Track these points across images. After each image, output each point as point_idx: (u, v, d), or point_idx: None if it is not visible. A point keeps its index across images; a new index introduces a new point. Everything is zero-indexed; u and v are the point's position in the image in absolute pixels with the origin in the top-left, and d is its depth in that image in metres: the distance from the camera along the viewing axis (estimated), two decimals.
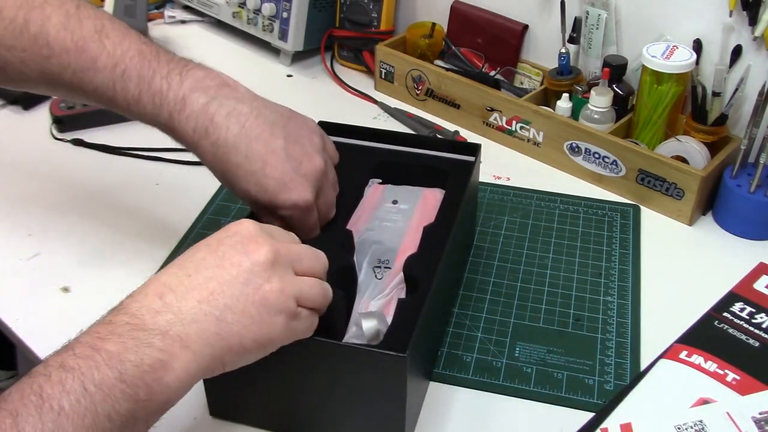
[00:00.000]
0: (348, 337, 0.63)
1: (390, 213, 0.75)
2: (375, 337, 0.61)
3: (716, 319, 0.73)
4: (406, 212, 0.75)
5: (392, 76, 1.13)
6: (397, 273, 0.68)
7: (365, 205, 0.76)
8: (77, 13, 0.64)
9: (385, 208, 0.75)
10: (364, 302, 0.66)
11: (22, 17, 0.63)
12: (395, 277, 0.68)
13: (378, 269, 0.69)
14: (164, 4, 1.39)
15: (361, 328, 0.62)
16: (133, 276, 0.80)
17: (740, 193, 0.86)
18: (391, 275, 0.68)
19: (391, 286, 0.67)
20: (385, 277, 0.68)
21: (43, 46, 0.62)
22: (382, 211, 0.75)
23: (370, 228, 0.73)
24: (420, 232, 0.71)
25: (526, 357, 0.72)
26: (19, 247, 0.84)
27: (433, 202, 0.76)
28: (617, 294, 0.79)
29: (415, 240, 0.71)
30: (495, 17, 1.11)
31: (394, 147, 0.81)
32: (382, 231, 0.72)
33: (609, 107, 0.95)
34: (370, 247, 0.71)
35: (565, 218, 0.90)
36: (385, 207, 0.76)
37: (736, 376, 0.66)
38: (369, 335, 0.61)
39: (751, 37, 0.89)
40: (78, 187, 0.94)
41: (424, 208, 0.75)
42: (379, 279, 0.68)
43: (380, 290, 0.67)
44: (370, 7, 1.16)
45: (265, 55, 1.25)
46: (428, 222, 0.72)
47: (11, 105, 1.09)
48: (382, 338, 0.61)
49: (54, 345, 0.50)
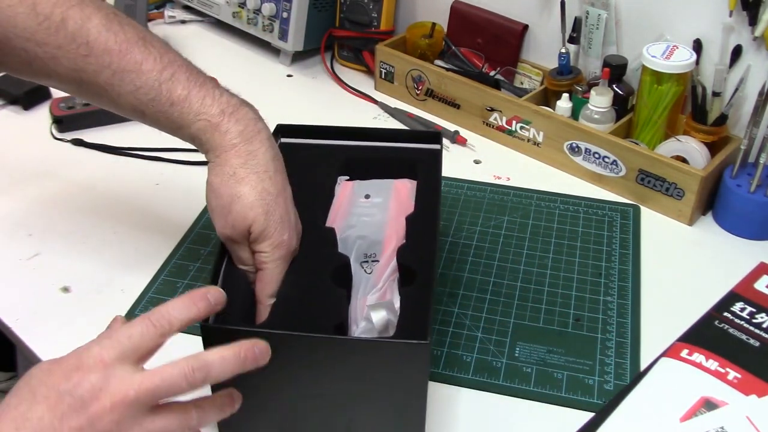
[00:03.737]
0: (358, 333, 0.63)
1: (365, 208, 0.74)
2: (386, 328, 0.61)
3: (717, 318, 0.73)
4: (381, 205, 0.74)
5: (392, 76, 1.13)
6: (386, 265, 0.68)
7: (338, 203, 0.75)
8: (117, 18, 0.65)
9: (359, 204, 0.75)
10: (360, 299, 0.66)
11: (60, 15, 0.62)
12: (386, 269, 0.68)
13: (366, 264, 0.69)
14: (164, 4, 1.39)
15: (371, 322, 0.62)
16: (134, 276, 0.81)
17: (740, 193, 0.86)
18: (380, 268, 0.68)
19: (383, 279, 0.68)
20: (375, 271, 0.68)
21: (81, 45, 0.62)
22: (357, 207, 0.74)
23: (350, 225, 0.72)
24: (400, 222, 0.71)
25: (526, 357, 0.72)
26: (19, 247, 0.84)
27: (405, 192, 0.75)
28: (617, 294, 0.79)
29: (398, 231, 0.70)
30: (495, 17, 1.11)
31: (358, 143, 0.80)
32: (362, 226, 0.72)
33: (609, 107, 0.95)
34: (354, 244, 0.70)
35: (565, 218, 0.90)
36: (358, 203, 0.75)
37: (738, 375, 0.66)
38: (380, 327, 0.61)
39: (751, 37, 0.89)
40: (78, 187, 0.94)
41: (398, 198, 0.75)
42: (369, 273, 0.69)
43: (373, 284, 0.68)
44: (370, 7, 1.16)
45: (265, 55, 1.25)
46: (407, 212, 0.72)
47: (11, 105, 1.10)
48: (393, 329, 0.61)
49: (54, 345, 0.49)
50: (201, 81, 0.65)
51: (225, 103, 0.64)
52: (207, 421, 0.54)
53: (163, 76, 0.64)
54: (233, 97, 0.65)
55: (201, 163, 0.98)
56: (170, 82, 0.63)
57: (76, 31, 0.62)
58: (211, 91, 0.64)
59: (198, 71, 0.66)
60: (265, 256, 0.63)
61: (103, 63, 0.63)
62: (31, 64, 0.64)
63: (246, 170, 0.63)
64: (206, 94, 0.64)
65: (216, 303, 0.55)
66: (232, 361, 0.52)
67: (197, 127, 0.64)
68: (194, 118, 0.63)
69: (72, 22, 0.62)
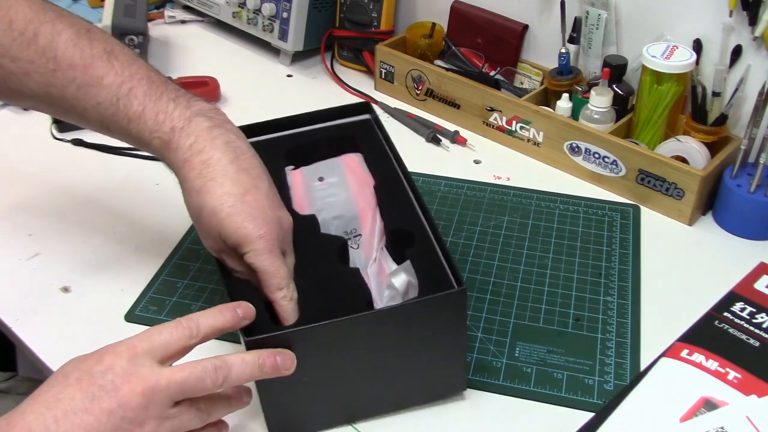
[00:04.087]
0: (385, 302, 0.64)
1: (324, 189, 0.74)
2: (408, 290, 0.63)
3: (717, 318, 0.74)
4: (339, 184, 0.74)
5: (392, 76, 1.13)
6: (371, 236, 0.69)
7: (296, 192, 0.74)
8: (87, 34, 0.65)
9: (316, 189, 0.74)
10: (363, 274, 0.67)
11: (32, 30, 0.63)
12: (372, 239, 0.69)
13: (350, 240, 0.70)
14: (164, 4, 1.39)
15: (395, 288, 0.62)
16: (134, 276, 0.81)
17: (740, 193, 0.86)
18: (366, 240, 0.69)
19: (374, 249, 0.68)
20: (362, 245, 0.69)
21: (50, 60, 0.63)
22: (316, 192, 0.74)
23: (319, 209, 0.72)
24: (367, 193, 0.72)
25: (526, 357, 0.72)
26: (19, 247, 0.84)
27: (355, 165, 0.76)
28: (617, 294, 0.79)
29: (369, 201, 0.71)
30: (495, 17, 1.11)
31: (293, 131, 0.79)
32: (331, 208, 0.72)
33: (609, 107, 0.95)
34: (331, 225, 0.70)
35: (565, 218, 0.90)
36: (314, 187, 0.74)
37: (738, 375, 0.66)
38: (403, 290, 0.62)
39: (751, 37, 0.89)
40: (78, 187, 0.94)
41: (352, 173, 0.75)
42: (356, 248, 0.69)
43: (366, 257, 0.68)
44: (370, 7, 1.16)
45: (265, 55, 1.25)
46: (367, 183, 0.72)
47: (11, 105, 1.10)
48: (414, 289, 0.62)
49: (54, 345, 0.50)
50: (157, 95, 0.64)
51: (177, 117, 0.63)
52: (217, 416, 0.57)
53: (122, 91, 0.64)
54: (188, 109, 0.64)
55: None
56: (127, 98, 0.63)
57: (46, 45, 0.63)
58: (164, 106, 0.63)
59: (159, 84, 0.65)
60: (248, 257, 0.60)
61: (69, 77, 0.64)
62: (6, 81, 0.65)
63: (203, 180, 0.61)
64: (160, 109, 0.63)
65: (244, 317, 0.58)
66: (251, 365, 0.55)
67: (154, 146, 0.64)
68: (150, 135, 0.63)
69: (43, 38, 0.63)
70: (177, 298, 0.78)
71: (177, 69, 1.19)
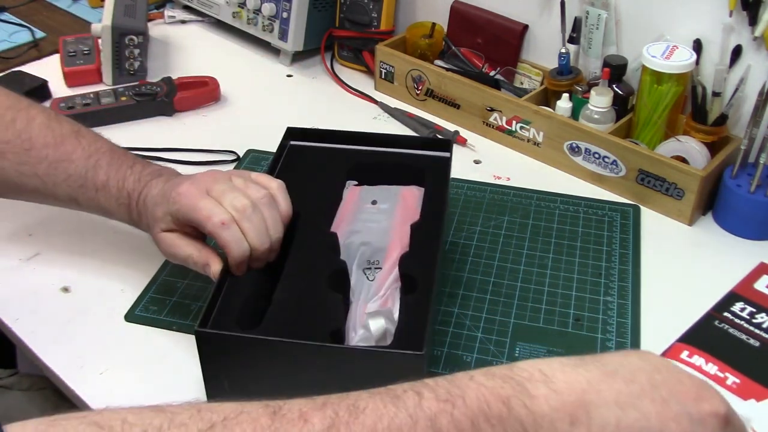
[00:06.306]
0: (356, 341, 0.62)
1: (371, 214, 0.74)
2: (383, 336, 0.61)
3: (717, 318, 0.74)
4: (387, 212, 0.74)
5: (392, 76, 1.13)
6: (389, 272, 0.68)
7: (345, 208, 0.75)
8: (57, 118, 0.76)
9: (365, 209, 0.75)
10: (361, 305, 0.66)
11: (11, 116, 0.73)
12: (388, 276, 0.68)
13: (368, 270, 0.69)
14: (164, 4, 1.39)
15: (369, 330, 0.61)
16: (134, 276, 0.81)
17: (740, 193, 0.86)
18: (383, 275, 0.68)
19: (385, 287, 0.67)
20: (377, 278, 0.68)
21: (25, 140, 0.73)
22: (363, 213, 0.75)
23: (355, 230, 0.72)
24: (404, 230, 0.71)
25: (526, 357, 0.72)
26: (19, 247, 0.84)
27: (412, 199, 0.76)
28: (617, 294, 0.79)
29: (402, 238, 0.70)
30: (495, 17, 1.11)
31: (368, 148, 0.80)
32: (367, 232, 0.72)
33: (609, 107, 0.95)
34: (357, 250, 0.70)
35: (565, 218, 0.90)
36: (365, 208, 0.75)
37: (736, 380, 0.66)
38: (377, 335, 0.61)
39: (751, 37, 0.89)
40: None
41: (404, 206, 0.75)
42: (371, 281, 0.68)
43: (375, 292, 0.67)
44: (370, 7, 1.16)
45: (265, 55, 1.25)
46: (412, 220, 0.72)
47: None
48: (391, 337, 0.61)
49: (54, 345, 0.49)
50: (117, 165, 0.73)
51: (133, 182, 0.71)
52: None
53: (89, 163, 0.73)
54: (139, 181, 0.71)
55: (201, 164, 0.98)
56: (94, 169, 0.72)
57: (22, 128, 0.73)
58: (124, 173, 0.72)
59: (119, 155, 0.74)
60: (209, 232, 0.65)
61: (42, 155, 0.73)
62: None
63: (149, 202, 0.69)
64: (120, 177, 0.72)
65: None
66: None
67: (120, 213, 0.73)
68: (116, 203, 0.72)
69: (20, 122, 0.73)
70: (177, 298, 0.78)
71: (177, 69, 1.19)
